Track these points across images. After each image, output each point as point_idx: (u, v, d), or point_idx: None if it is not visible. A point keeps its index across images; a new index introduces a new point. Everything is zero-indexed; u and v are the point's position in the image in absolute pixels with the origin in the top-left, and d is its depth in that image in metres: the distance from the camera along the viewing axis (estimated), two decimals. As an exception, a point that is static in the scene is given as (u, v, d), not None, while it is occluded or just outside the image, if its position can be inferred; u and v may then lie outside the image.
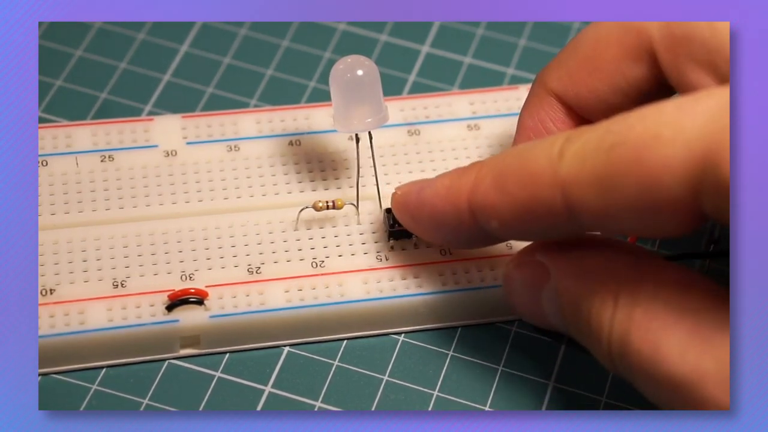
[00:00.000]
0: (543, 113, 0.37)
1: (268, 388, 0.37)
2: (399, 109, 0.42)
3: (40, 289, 0.37)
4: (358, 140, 0.39)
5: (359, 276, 0.38)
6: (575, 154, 0.31)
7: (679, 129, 0.29)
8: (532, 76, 0.45)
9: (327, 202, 0.39)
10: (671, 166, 0.29)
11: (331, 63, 0.44)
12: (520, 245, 0.37)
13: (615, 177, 0.30)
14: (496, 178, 0.33)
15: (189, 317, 0.37)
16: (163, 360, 0.37)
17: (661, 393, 0.31)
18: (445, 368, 0.38)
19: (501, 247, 0.39)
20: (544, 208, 0.32)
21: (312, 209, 0.39)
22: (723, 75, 0.33)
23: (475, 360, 0.38)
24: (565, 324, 0.35)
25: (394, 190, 0.37)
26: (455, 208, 0.34)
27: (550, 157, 0.31)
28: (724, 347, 0.30)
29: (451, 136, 0.42)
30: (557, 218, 0.32)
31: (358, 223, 0.39)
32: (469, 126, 0.42)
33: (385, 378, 0.37)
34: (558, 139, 0.32)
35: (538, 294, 0.35)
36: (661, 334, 0.31)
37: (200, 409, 0.36)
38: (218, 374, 0.37)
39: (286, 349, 0.38)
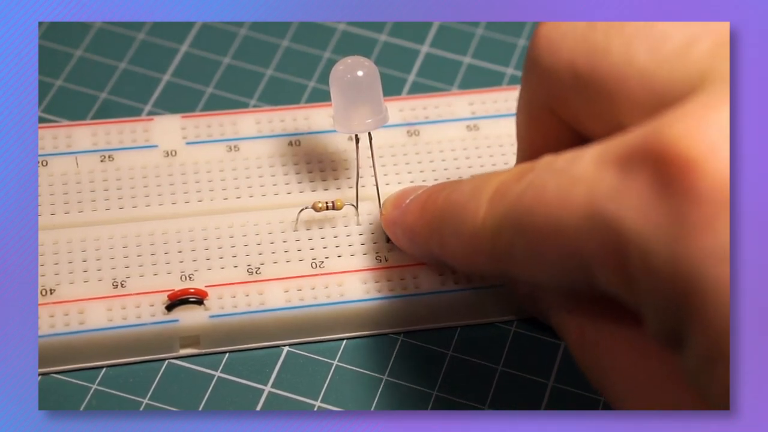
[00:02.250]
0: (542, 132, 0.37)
1: (267, 388, 0.37)
2: (398, 109, 0.42)
3: (40, 289, 0.37)
4: (357, 141, 0.39)
5: (359, 276, 0.38)
6: (495, 223, 0.31)
7: (571, 195, 0.28)
8: (532, 77, 0.45)
9: (326, 202, 0.39)
10: (577, 234, 0.28)
11: (331, 63, 0.44)
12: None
13: (534, 249, 0.30)
14: (434, 232, 0.34)
15: (189, 317, 0.37)
16: (163, 360, 0.37)
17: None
18: (444, 368, 0.38)
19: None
20: (481, 268, 0.33)
21: (311, 210, 0.39)
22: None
23: (475, 360, 0.38)
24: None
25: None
26: (400, 229, 0.37)
27: (475, 224, 0.31)
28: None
29: (451, 137, 0.42)
30: (494, 274, 0.33)
31: (358, 224, 0.39)
32: (468, 126, 0.42)
33: (385, 378, 0.37)
34: (482, 187, 0.32)
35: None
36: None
37: (200, 408, 0.37)
38: (218, 374, 0.37)
39: (286, 348, 0.38)
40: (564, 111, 0.31)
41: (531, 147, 0.33)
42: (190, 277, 0.38)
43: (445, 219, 0.33)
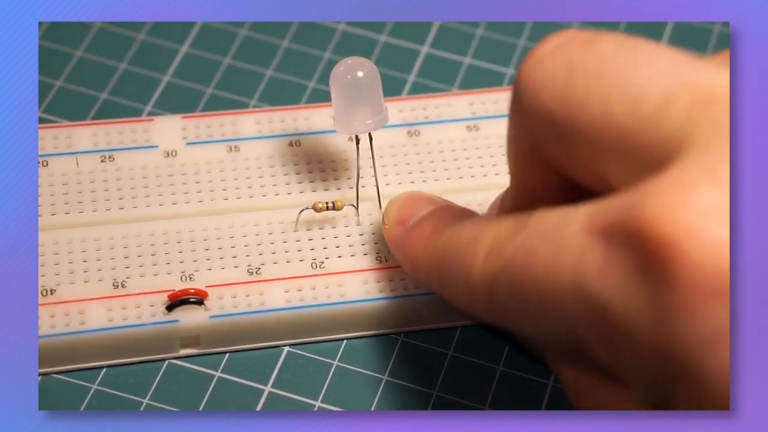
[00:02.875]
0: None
1: (267, 388, 0.37)
2: (398, 109, 0.42)
3: (40, 289, 0.37)
4: (358, 141, 0.39)
5: (359, 276, 0.38)
6: (485, 285, 0.31)
7: (555, 268, 0.28)
8: (532, 77, 0.45)
9: (327, 203, 0.39)
10: (561, 303, 0.28)
11: (331, 63, 0.44)
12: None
13: (523, 311, 0.30)
14: (437, 278, 0.34)
15: (189, 317, 0.37)
16: (163, 360, 0.37)
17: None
18: (444, 368, 0.38)
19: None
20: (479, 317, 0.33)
21: (312, 210, 0.39)
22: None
23: (475, 360, 0.38)
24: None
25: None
26: (401, 254, 0.37)
27: (468, 283, 0.32)
28: None
29: (451, 137, 0.42)
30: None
31: (358, 224, 0.39)
32: (468, 127, 0.42)
33: (385, 378, 0.37)
34: (480, 238, 0.32)
35: None
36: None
37: (200, 409, 0.36)
38: (218, 374, 0.37)
39: (286, 349, 0.38)
40: (547, 156, 0.31)
41: (521, 181, 0.33)
42: (191, 278, 0.38)
43: (445, 265, 0.33)
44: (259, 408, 0.37)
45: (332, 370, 0.38)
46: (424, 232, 0.35)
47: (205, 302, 0.37)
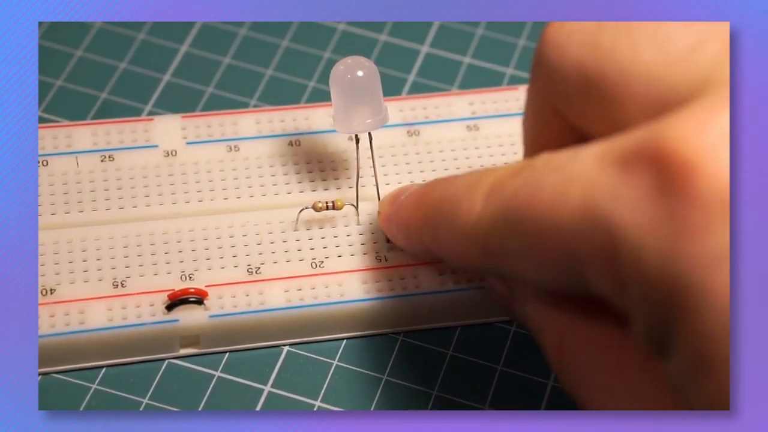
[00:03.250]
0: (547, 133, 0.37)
1: (267, 388, 0.37)
2: (398, 109, 0.42)
3: (40, 289, 0.37)
4: (357, 141, 0.39)
5: (359, 276, 0.38)
6: (489, 223, 0.31)
7: (566, 196, 0.28)
8: (532, 77, 0.45)
9: (327, 202, 0.39)
10: (565, 233, 0.29)
11: (331, 63, 0.44)
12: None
13: (524, 245, 0.30)
14: (429, 229, 0.34)
15: (189, 317, 0.37)
16: (163, 360, 0.38)
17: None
18: (444, 368, 0.38)
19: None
20: (472, 266, 0.33)
21: (311, 210, 0.39)
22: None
23: (475, 360, 0.38)
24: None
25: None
26: (395, 224, 0.37)
27: (468, 221, 0.32)
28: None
29: (451, 137, 0.42)
30: (486, 270, 0.33)
31: (358, 224, 0.39)
32: (468, 126, 0.42)
33: (385, 378, 0.38)
34: (477, 188, 0.32)
35: (511, 309, 0.36)
36: (588, 386, 0.32)
37: (200, 408, 0.37)
38: (218, 374, 0.37)
39: (286, 348, 0.38)
40: (569, 111, 0.31)
41: (535, 147, 0.33)
42: (191, 277, 0.38)
43: (439, 213, 0.33)
44: (258, 408, 0.37)
45: (332, 369, 0.38)
46: (415, 195, 0.36)
47: (204, 302, 0.37)
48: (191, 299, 0.37)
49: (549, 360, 0.33)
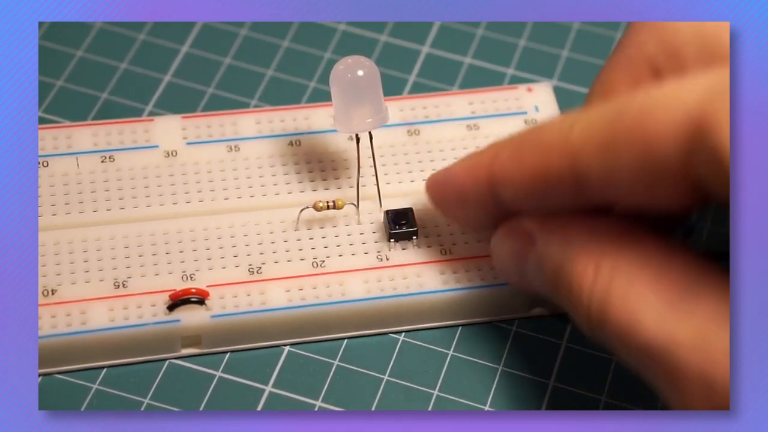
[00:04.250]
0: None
1: (268, 388, 0.37)
2: (399, 109, 0.42)
3: (41, 289, 0.37)
4: (358, 140, 0.39)
5: (360, 275, 0.38)
6: (585, 123, 0.32)
7: (676, 97, 0.30)
8: (532, 77, 0.46)
9: (327, 202, 0.39)
10: (666, 132, 0.29)
11: (331, 63, 0.44)
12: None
13: (617, 143, 0.31)
14: (513, 150, 0.34)
15: (190, 317, 0.37)
16: (164, 360, 0.38)
17: (638, 360, 0.31)
18: (445, 368, 0.38)
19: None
20: (554, 176, 0.32)
21: (312, 209, 0.39)
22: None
23: (475, 360, 0.38)
24: (548, 290, 0.35)
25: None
26: (476, 181, 0.35)
27: (562, 129, 0.32)
28: (701, 317, 0.30)
29: (451, 136, 0.42)
30: (566, 186, 0.32)
31: (359, 223, 0.39)
32: (468, 126, 0.42)
33: (385, 378, 0.38)
34: (572, 113, 0.33)
35: (524, 261, 0.35)
36: (639, 302, 0.31)
37: (201, 408, 0.37)
38: (219, 374, 0.37)
39: (287, 348, 0.38)
40: (674, 63, 0.33)
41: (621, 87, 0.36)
42: (192, 277, 0.38)
43: (526, 142, 0.34)
44: (259, 408, 0.37)
45: (333, 369, 0.38)
46: (471, 154, 0.36)
47: (206, 302, 0.37)
48: (192, 299, 0.37)
49: (575, 297, 0.33)
